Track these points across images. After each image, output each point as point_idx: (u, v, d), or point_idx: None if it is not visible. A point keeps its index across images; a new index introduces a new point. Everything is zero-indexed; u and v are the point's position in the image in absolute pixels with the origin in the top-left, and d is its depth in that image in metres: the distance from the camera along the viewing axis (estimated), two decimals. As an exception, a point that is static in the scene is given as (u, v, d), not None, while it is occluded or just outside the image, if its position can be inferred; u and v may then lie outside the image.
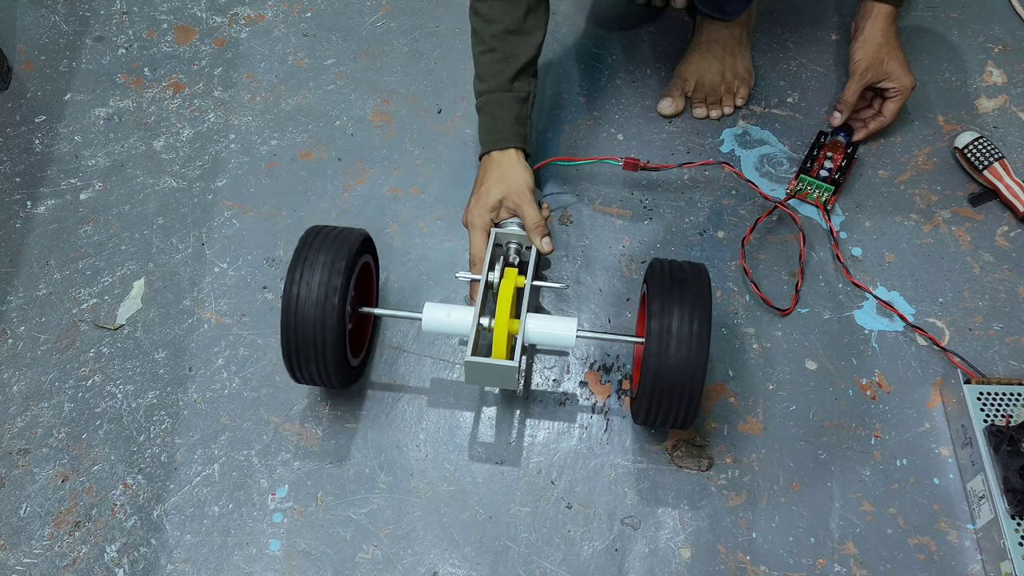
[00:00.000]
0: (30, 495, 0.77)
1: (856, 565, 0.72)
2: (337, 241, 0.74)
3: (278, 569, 0.73)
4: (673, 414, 0.70)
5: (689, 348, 0.67)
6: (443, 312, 0.76)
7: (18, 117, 1.06)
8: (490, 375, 0.74)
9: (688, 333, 0.68)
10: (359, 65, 1.11)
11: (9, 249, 0.94)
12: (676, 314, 0.68)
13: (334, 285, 0.71)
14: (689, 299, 0.69)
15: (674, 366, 0.68)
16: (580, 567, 0.73)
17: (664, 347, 0.68)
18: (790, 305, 0.87)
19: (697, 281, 0.71)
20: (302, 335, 0.71)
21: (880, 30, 0.94)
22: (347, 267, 0.72)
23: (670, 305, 0.69)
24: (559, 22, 1.16)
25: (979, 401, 0.76)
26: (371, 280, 0.84)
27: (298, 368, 0.74)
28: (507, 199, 0.82)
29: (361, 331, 0.82)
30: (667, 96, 1.04)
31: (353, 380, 0.80)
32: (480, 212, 0.82)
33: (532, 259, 0.81)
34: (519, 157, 0.84)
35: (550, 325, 0.75)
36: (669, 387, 0.68)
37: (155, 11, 1.18)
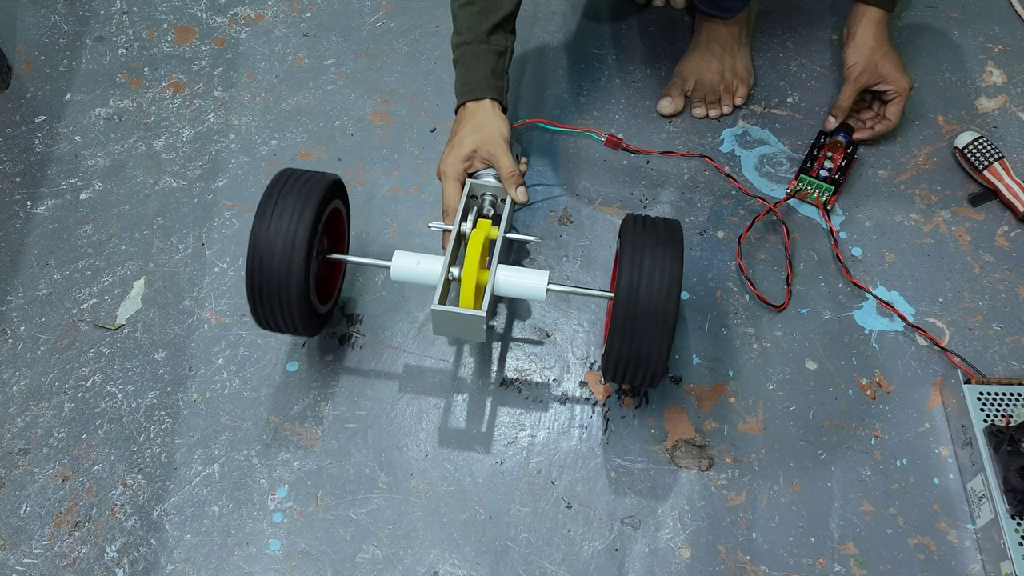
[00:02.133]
0: (30, 495, 0.77)
1: (856, 565, 0.72)
2: (307, 186, 0.73)
3: (278, 569, 0.73)
4: (642, 370, 0.70)
5: (658, 303, 0.67)
6: (412, 260, 0.76)
7: (18, 117, 1.06)
8: (457, 325, 0.73)
9: (657, 287, 0.67)
10: (359, 65, 1.11)
11: (9, 249, 0.94)
12: (646, 268, 0.68)
13: (301, 231, 0.70)
14: (660, 254, 0.68)
15: (642, 321, 0.67)
16: (580, 567, 0.73)
17: (633, 301, 0.67)
18: (784, 301, 0.87)
19: (669, 236, 0.70)
20: (267, 281, 0.71)
21: (872, 34, 0.94)
22: (315, 213, 0.72)
23: (640, 259, 0.68)
24: (559, 22, 1.16)
25: (979, 401, 0.76)
26: (341, 226, 0.82)
27: (262, 314, 0.74)
28: (481, 149, 0.82)
29: (329, 278, 0.82)
30: (666, 96, 1.04)
31: (319, 328, 0.80)
32: (453, 162, 0.82)
33: (506, 210, 0.81)
34: (494, 108, 0.84)
35: (521, 277, 0.74)
36: (638, 342, 0.68)
37: (155, 11, 1.18)
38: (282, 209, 0.71)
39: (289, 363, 0.85)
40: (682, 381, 0.83)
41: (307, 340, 0.86)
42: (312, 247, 0.72)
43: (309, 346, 0.86)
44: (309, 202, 0.72)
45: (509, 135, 0.83)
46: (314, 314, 0.76)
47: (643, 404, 0.82)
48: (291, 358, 0.85)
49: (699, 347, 0.85)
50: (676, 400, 0.82)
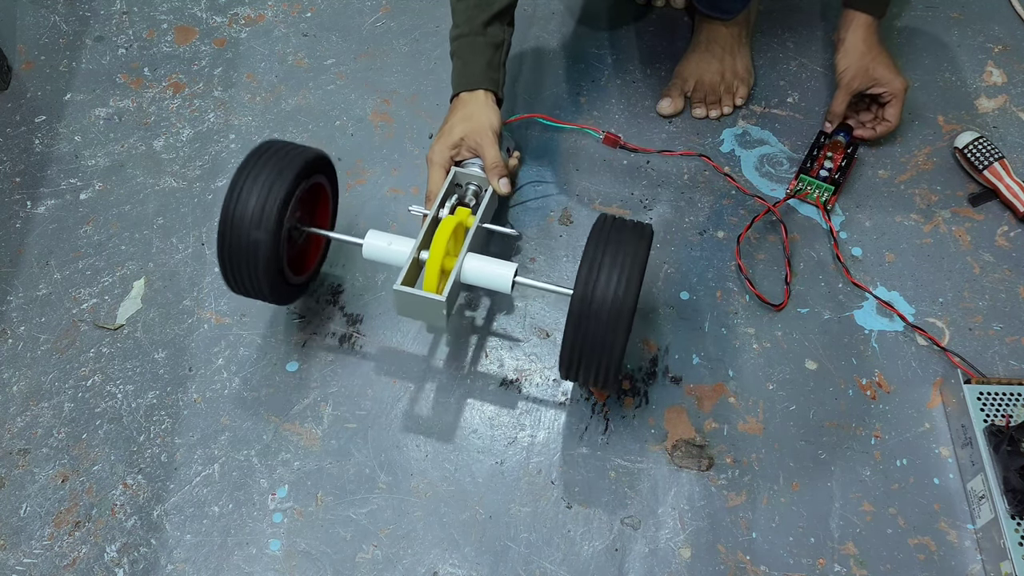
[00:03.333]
0: (30, 495, 0.77)
1: (856, 565, 0.72)
2: (286, 157, 0.74)
3: (278, 569, 0.73)
4: (594, 369, 0.69)
5: (613, 303, 0.66)
6: (384, 240, 0.76)
7: (18, 117, 1.06)
8: (418, 308, 0.73)
9: (614, 288, 0.66)
10: (359, 65, 1.11)
11: (9, 249, 0.94)
12: (605, 268, 0.67)
13: (272, 201, 0.71)
14: (621, 256, 0.68)
15: (596, 320, 0.66)
16: (580, 567, 0.73)
17: (588, 299, 0.66)
18: (783, 300, 0.87)
19: (634, 239, 0.70)
20: (236, 247, 0.72)
21: (861, 38, 0.94)
22: (290, 184, 0.72)
23: (600, 259, 0.68)
24: (558, 22, 1.16)
25: (979, 401, 0.76)
26: (324, 201, 0.83)
27: (232, 280, 0.75)
28: (468, 138, 0.82)
29: (307, 251, 0.83)
30: (666, 96, 1.04)
31: (293, 298, 0.81)
32: (440, 149, 0.82)
33: (485, 200, 0.81)
34: (488, 99, 0.84)
35: (489, 267, 0.74)
36: (591, 340, 0.67)
37: (155, 11, 1.19)
38: (256, 176, 0.72)
39: (289, 363, 0.85)
40: (682, 381, 0.83)
41: (307, 339, 0.86)
42: (283, 217, 0.72)
43: (309, 346, 0.86)
44: (285, 173, 0.72)
45: (499, 127, 0.84)
46: (285, 283, 0.77)
47: (643, 404, 0.82)
48: (291, 358, 0.85)
49: (699, 347, 0.85)
50: (676, 400, 0.82)
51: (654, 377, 0.83)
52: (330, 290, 0.90)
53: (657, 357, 0.85)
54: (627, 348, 0.71)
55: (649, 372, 0.84)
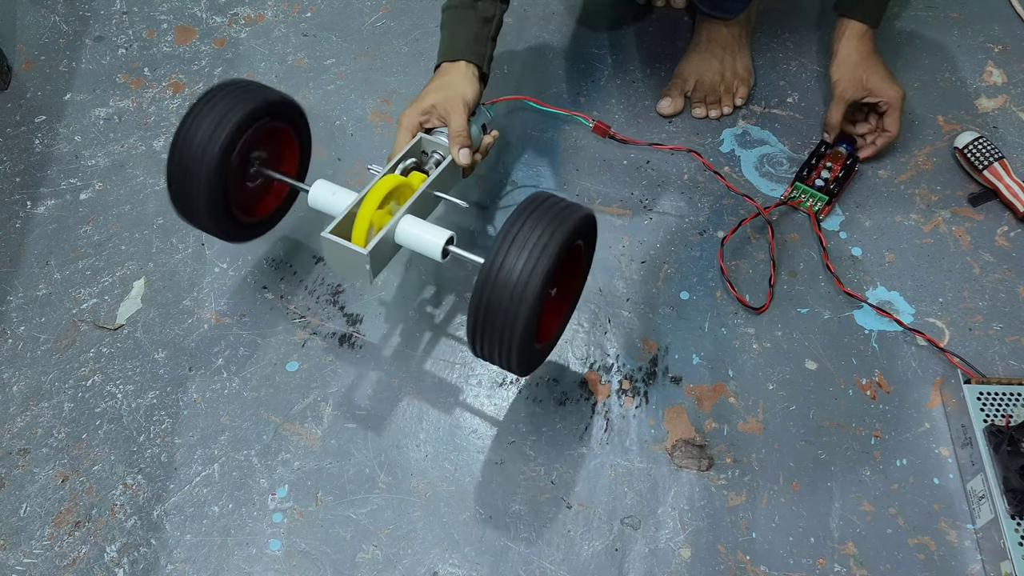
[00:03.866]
0: (30, 495, 0.77)
1: (856, 565, 0.72)
2: (245, 94, 0.75)
3: (278, 569, 0.73)
4: (498, 348, 0.67)
5: (518, 280, 0.63)
6: (329, 190, 0.77)
7: (18, 117, 1.06)
8: (344, 260, 0.72)
9: (523, 265, 0.63)
10: (359, 65, 1.11)
11: (9, 249, 0.94)
12: (517, 243, 0.64)
13: (218, 135, 0.72)
14: (539, 233, 0.65)
15: (499, 292, 0.64)
16: (580, 567, 0.73)
17: (495, 271, 0.64)
18: (765, 302, 0.87)
19: (560, 219, 0.66)
20: (180, 171, 0.73)
21: (854, 48, 0.93)
22: (241, 119, 0.73)
23: (516, 233, 0.65)
24: (559, 22, 1.16)
25: (979, 401, 0.76)
26: (290, 149, 0.84)
27: (178, 202, 0.76)
28: (439, 105, 0.81)
29: (264, 194, 0.84)
30: (666, 96, 1.04)
31: (240, 238, 0.83)
32: (410, 113, 0.82)
33: (441, 167, 0.80)
34: (468, 71, 0.84)
35: (423, 231, 0.73)
36: (492, 314, 0.65)
37: (155, 11, 1.19)
38: (216, 104, 0.74)
39: (289, 363, 0.85)
40: (682, 381, 0.83)
41: (307, 339, 0.86)
42: (231, 146, 0.73)
43: (309, 346, 0.86)
44: (237, 108, 0.73)
45: (473, 100, 0.83)
46: (230, 219, 0.78)
47: (643, 404, 0.82)
48: (291, 358, 0.85)
49: (699, 347, 0.85)
50: (676, 400, 0.82)
51: (654, 377, 0.83)
52: (330, 290, 0.90)
53: (657, 357, 0.85)
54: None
55: (649, 372, 0.84)
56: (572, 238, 0.67)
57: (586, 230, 0.71)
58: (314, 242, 0.94)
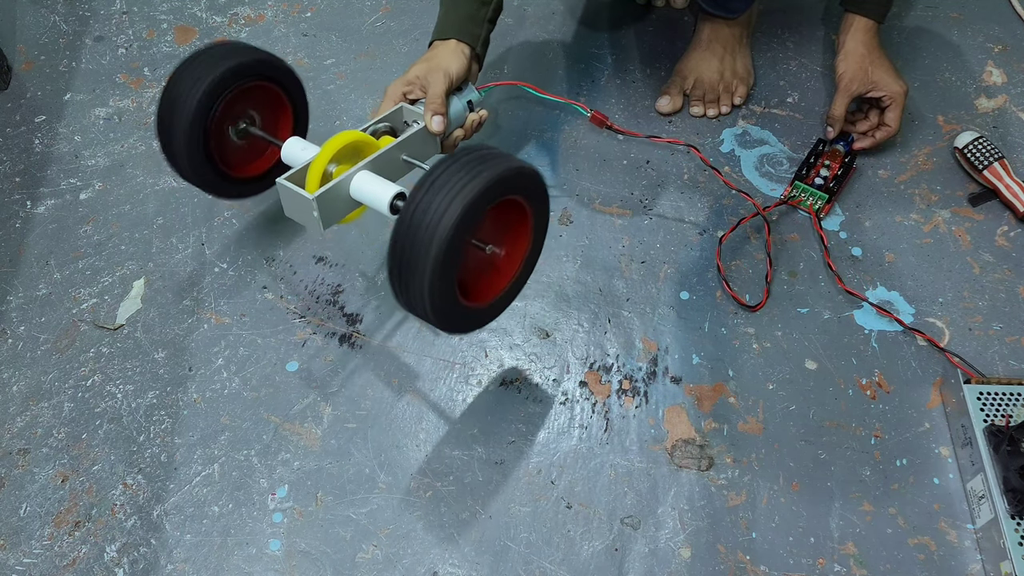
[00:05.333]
0: (30, 495, 0.77)
1: (856, 565, 0.72)
2: (235, 51, 0.78)
3: (278, 569, 0.73)
4: (416, 294, 0.64)
5: (429, 224, 0.61)
6: (300, 146, 0.78)
7: (18, 117, 1.06)
8: (296, 206, 0.74)
9: (435, 210, 0.61)
10: (359, 65, 1.11)
11: (9, 249, 0.94)
12: (439, 182, 0.62)
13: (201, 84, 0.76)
14: (460, 179, 0.62)
15: (414, 232, 0.62)
16: (580, 567, 0.73)
17: (411, 209, 0.62)
18: (761, 300, 0.87)
19: (490, 165, 0.64)
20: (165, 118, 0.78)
21: (861, 42, 0.94)
22: (220, 76, 0.76)
23: (436, 178, 0.63)
24: (559, 22, 1.16)
25: (979, 401, 0.76)
26: (282, 110, 0.86)
27: (164, 149, 0.80)
28: (422, 76, 0.82)
29: (254, 153, 0.85)
30: (665, 94, 1.04)
31: (226, 193, 0.85)
32: (395, 84, 0.84)
33: (411, 130, 0.81)
34: (458, 48, 0.84)
35: (374, 185, 0.73)
36: (407, 255, 0.63)
37: (155, 11, 1.19)
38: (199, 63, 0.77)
39: (289, 363, 0.85)
40: (682, 381, 0.83)
41: (307, 339, 0.86)
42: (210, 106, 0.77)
43: (309, 346, 0.86)
44: (223, 63, 0.77)
45: (457, 74, 0.83)
46: (214, 172, 0.81)
47: (643, 404, 0.82)
48: (291, 358, 0.85)
49: (699, 347, 0.85)
50: (676, 400, 0.82)
51: (654, 377, 0.83)
52: (330, 290, 0.90)
53: (657, 357, 0.85)
54: None
55: (649, 372, 0.84)
56: (501, 186, 0.64)
57: (524, 185, 0.68)
58: (314, 242, 0.94)
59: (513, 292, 0.77)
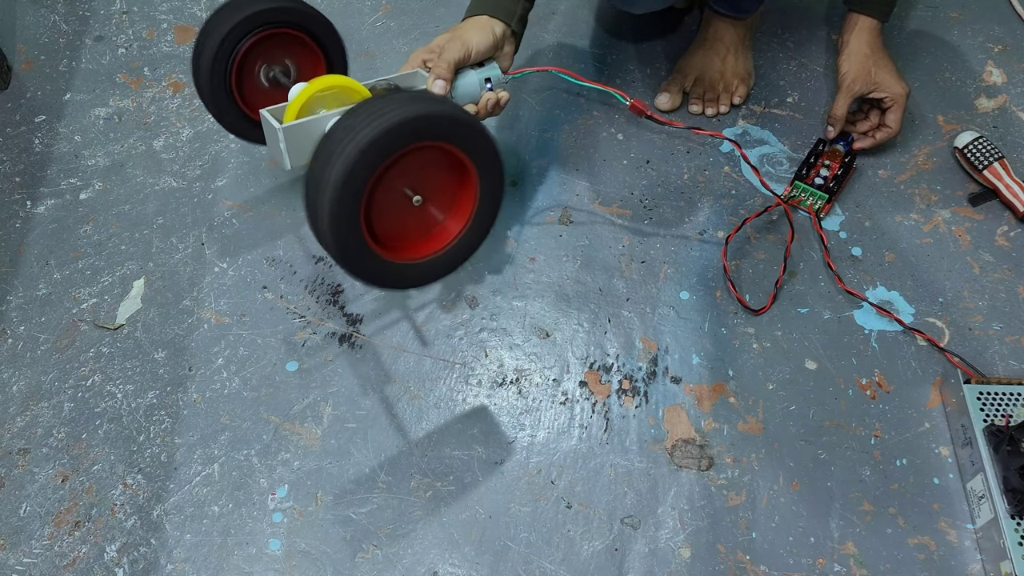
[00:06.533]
0: (30, 495, 0.77)
1: (856, 565, 0.72)
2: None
3: (278, 569, 0.73)
4: (320, 221, 0.62)
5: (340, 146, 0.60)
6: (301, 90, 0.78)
7: (18, 117, 1.06)
8: (270, 137, 0.74)
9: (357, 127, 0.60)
10: (359, 65, 1.11)
11: (9, 249, 0.94)
12: (359, 114, 0.61)
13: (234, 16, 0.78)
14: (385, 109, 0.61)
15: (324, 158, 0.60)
16: (580, 567, 0.73)
17: (327, 137, 0.61)
18: (766, 304, 0.87)
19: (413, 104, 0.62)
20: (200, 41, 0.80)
21: (865, 42, 0.94)
22: (256, 14, 0.79)
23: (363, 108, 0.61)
24: (559, 22, 1.16)
25: (979, 401, 0.76)
26: (318, 66, 0.87)
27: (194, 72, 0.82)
28: (443, 45, 0.81)
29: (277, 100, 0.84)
30: (665, 91, 1.04)
31: (244, 133, 0.86)
32: (418, 51, 0.83)
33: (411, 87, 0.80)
34: (489, 23, 0.82)
35: None
36: (314, 177, 0.61)
37: (155, 11, 1.19)
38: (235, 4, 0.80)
39: (289, 363, 0.85)
40: (682, 381, 0.83)
41: (307, 339, 0.86)
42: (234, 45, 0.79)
43: (309, 346, 0.86)
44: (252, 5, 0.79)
45: (478, 47, 0.81)
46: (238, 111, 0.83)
47: (643, 404, 0.82)
48: (291, 358, 0.85)
49: (699, 347, 0.85)
50: (676, 400, 0.82)
51: (654, 377, 0.83)
52: (330, 290, 0.90)
53: (657, 357, 0.85)
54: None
55: (649, 372, 0.84)
56: (421, 125, 0.61)
57: (458, 135, 0.64)
58: (314, 242, 0.94)
59: (457, 256, 0.72)
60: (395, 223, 0.68)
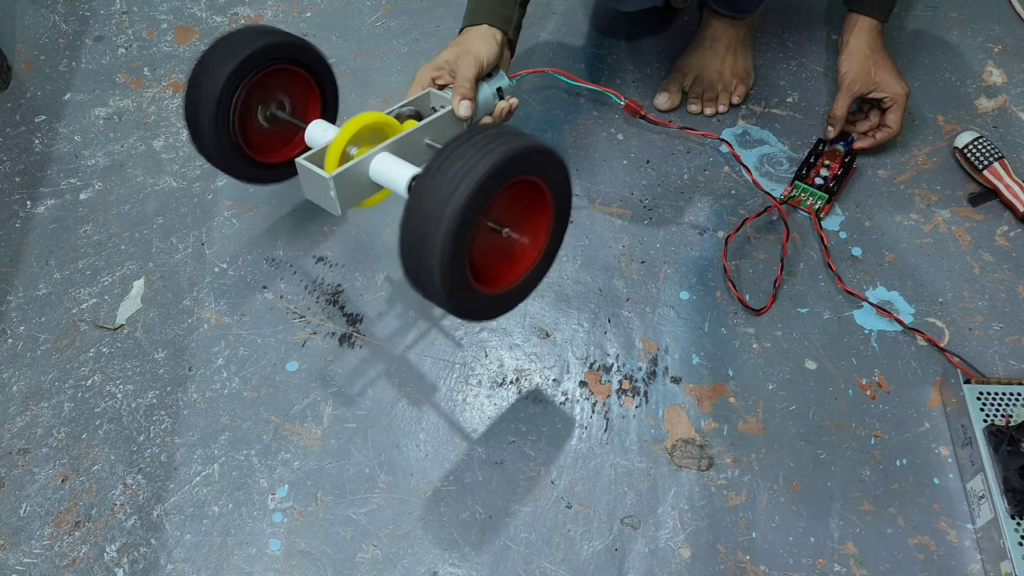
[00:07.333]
0: (30, 495, 0.77)
1: (856, 565, 0.72)
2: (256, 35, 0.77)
3: (278, 569, 0.73)
4: (425, 273, 0.63)
5: (439, 201, 0.59)
6: (322, 128, 0.78)
7: (18, 117, 1.06)
8: (314, 186, 0.73)
9: (446, 185, 0.60)
10: (359, 65, 1.11)
11: (9, 249, 0.94)
12: (452, 159, 0.61)
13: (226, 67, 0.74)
14: (476, 150, 0.61)
15: (425, 209, 0.60)
16: (580, 567, 0.73)
17: (422, 187, 0.61)
18: (766, 304, 0.87)
19: (503, 142, 0.62)
20: (191, 107, 0.76)
21: (865, 42, 0.94)
22: (247, 59, 0.75)
23: (453, 151, 0.61)
24: (558, 22, 1.16)
25: (979, 401, 0.76)
26: (312, 96, 0.84)
27: (192, 132, 0.78)
28: (452, 61, 0.81)
29: (282, 138, 0.84)
30: (664, 91, 1.04)
31: (254, 178, 0.83)
32: (424, 69, 0.83)
33: (437, 114, 0.79)
34: (489, 33, 0.83)
35: (393, 166, 0.72)
36: (417, 234, 0.61)
37: (155, 11, 1.19)
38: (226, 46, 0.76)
39: (289, 363, 0.85)
40: (682, 381, 0.83)
41: (307, 339, 0.86)
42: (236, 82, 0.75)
43: (309, 346, 0.86)
44: (244, 46, 0.75)
45: (488, 59, 0.81)
46: (239, 154, 0.80)
47: (643, 404, 0.82)
48: (291, 358, 0.85)
49: (699, 347, 0.85)
50: (676, 400, 0.82)
51: (654, 377, 0.83)
52: (330, 290, 0.90)
53: (657, 357, 0.85)
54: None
55: (649, 372, 0.84)
56: (516, 163, 0.62)
57: (541, 164, 0.65)
58: (314, 242, 0.94)
59: (533, 281, 0.74)
60: (490, 259, 0.69)
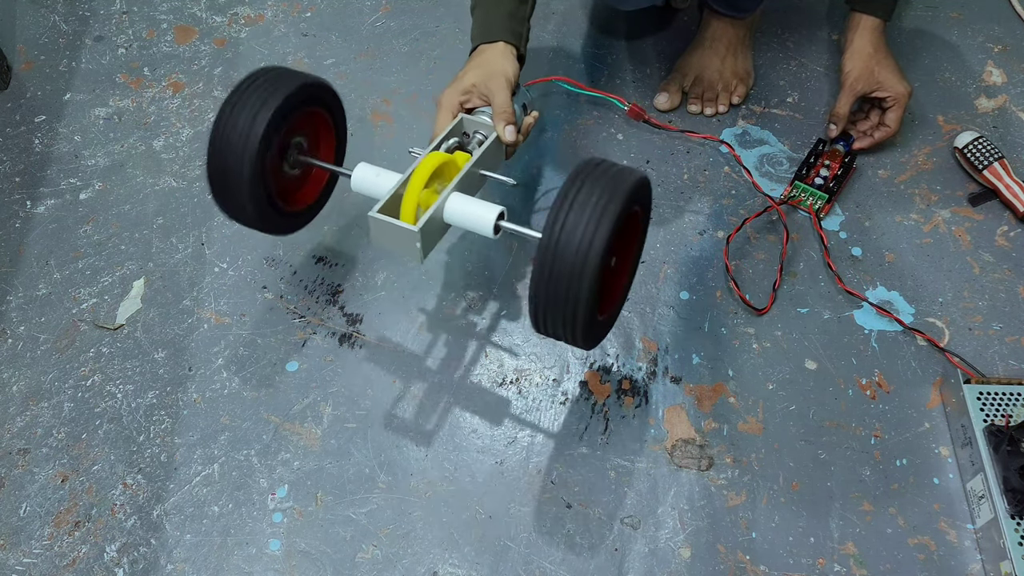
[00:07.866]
0: (30, 495, 0.77)
1: (856, 565, 0.72)
2: (278, 82, 0.73)
3: (278, 569, 0.73)
4: (562, 321, 0.64)
5: (580, 244, 0.60)
6: (372, 172, 0.75)
7: (18, 117, 1.06)
8: (393, 238, 0.71)
9: (581, 232, 0.61)
10: (359, 65, 1.11)
11: (9, 249, 0.94)
12: (576, 208, 0.61)
13: (256, 126, 0.70)
14: (596, 197, 0.62)
15: (561, 261, 0.61)
16: (580, 567, 0.73)
17: (554, 241, 0.61)
18: (767, 304, 0.87)
19: (615, 181, 0.63)
20: (220, 166, 0.71)
21: (868, 41, 0.94)
22: (279, 108, 0.71)
23: (572, 200, 0.62)
24: (559, 22, 1.16)
25: (979, 401, 0.76)
26: (325, 132, 0.82)
27: (219, 198, 0.74)
28: (480, 84, 0.80)
29: (305, 183, 0.82)
30: (663, 91, 1.04)
31: (285, 229, 0.80)
32: (450, 93, 0.80)
33: (485, 144, 0.78)
34: (507, 51, 0.82)
35: (472, 207, 0.71)
36: (555, 286, 0.62)
37: (155, 11, 1.19)
38: (247, 100, 0.71)
39: (289, 363, 0.85)
40: (682, 381, 0.83)
41: (307, 339, 0.86)
42: (269, 138, 0.71)
43: (309, 346, 0.86)
44: (273, 97, 0.71)
45: (514, 77, 0.81)
46: (275, 211, 0.76)
47: (643, 404, 0.82)
48: (291, 358, 0.85)
49: (699, 347, 0.85)
50: (676, 400, 0.82)
51: (654, 377, 0.83)
52: (330, 290, 0.90)
53: (657, 357, 0.85)
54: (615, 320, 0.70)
55: (649, 372, 0.84)
56: (630, 201, 0.64)
57: (642, 194, 0.68)
58: (314, 242, 0.94)
59: (626, 296, 0.76)
60: (607, 289, 0.70)
